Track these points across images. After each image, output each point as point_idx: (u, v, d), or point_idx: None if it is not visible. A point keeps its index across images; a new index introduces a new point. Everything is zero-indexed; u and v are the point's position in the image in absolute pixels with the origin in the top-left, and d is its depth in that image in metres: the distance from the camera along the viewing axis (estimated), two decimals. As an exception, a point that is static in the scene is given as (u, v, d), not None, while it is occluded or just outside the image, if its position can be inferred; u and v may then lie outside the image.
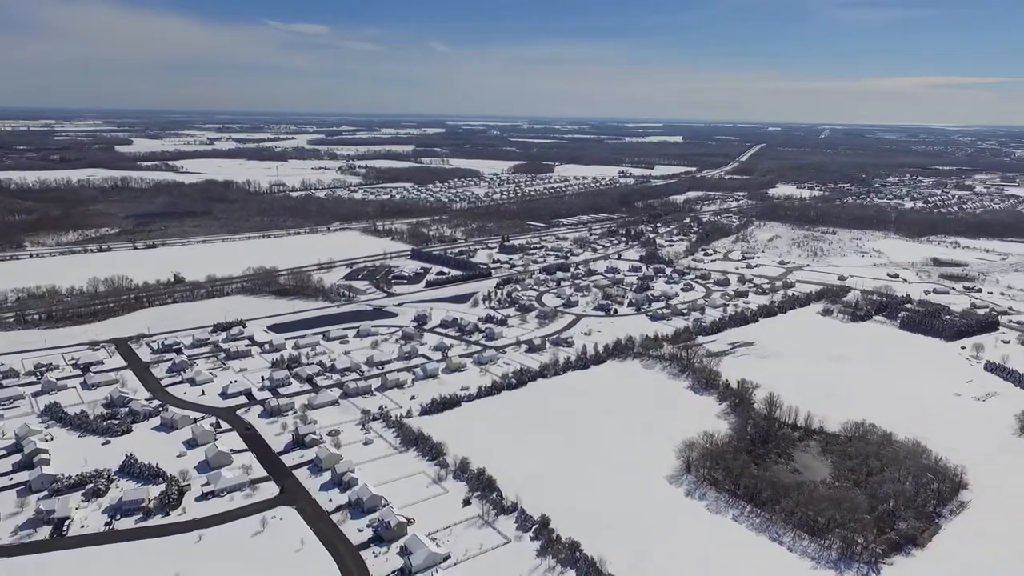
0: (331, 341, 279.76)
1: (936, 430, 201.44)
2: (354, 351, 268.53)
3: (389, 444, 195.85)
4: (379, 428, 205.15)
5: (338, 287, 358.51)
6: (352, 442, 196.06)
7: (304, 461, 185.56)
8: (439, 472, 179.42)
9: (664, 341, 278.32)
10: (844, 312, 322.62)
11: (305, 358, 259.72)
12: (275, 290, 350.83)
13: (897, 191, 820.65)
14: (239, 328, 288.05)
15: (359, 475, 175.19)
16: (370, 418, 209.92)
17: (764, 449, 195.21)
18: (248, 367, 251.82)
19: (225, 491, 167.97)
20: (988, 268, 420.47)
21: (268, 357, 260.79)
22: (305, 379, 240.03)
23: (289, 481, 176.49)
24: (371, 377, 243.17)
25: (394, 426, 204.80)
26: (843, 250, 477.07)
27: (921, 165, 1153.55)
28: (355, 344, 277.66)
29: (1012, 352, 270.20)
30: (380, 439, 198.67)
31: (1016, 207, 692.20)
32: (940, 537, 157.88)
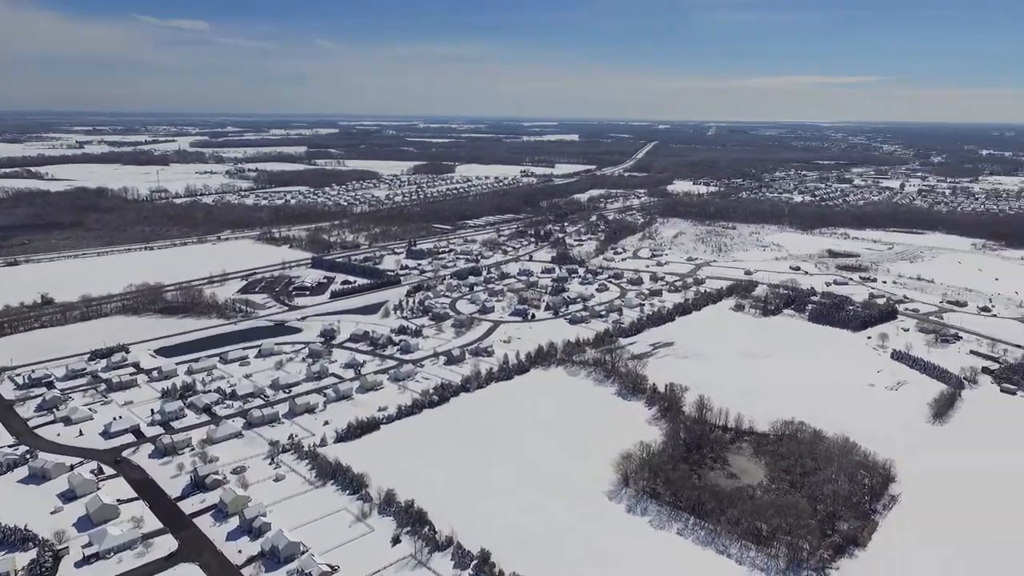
0: (230, 363, 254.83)
1: (858, 423, 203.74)
2: (256, 373, 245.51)
3: (304, 479, 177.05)
4: (291, 461, 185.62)
5: (234, 302, 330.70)
6: (261, 480, 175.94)
7: (206, 506, 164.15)
8: (363, 508, 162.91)
9: (586, 345, 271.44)
10: (755, 307, 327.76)
11: (201, 385, 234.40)
12: (162, 308, 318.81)
13: (786, 185, 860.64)
14: (121, 354, 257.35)
15: (272, 519, 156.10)
16: (280, 450, 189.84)
17: (699, 455, 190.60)
18: (134, 399, 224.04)
19: (112, 551, 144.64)
20: (878, 258, 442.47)
21: (157, 386, 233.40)
22: (202, 409, 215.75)
23: (189, 532, 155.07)
24: (278, 402, 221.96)
25: (308, 457, 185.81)
26: (745, 244, 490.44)
27: (803, 160, 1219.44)
28: (257, 365, 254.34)
29: (913, 340, 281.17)
30: (293, 474, 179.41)
31: (892, 199, 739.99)
32: (879, 535, 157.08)
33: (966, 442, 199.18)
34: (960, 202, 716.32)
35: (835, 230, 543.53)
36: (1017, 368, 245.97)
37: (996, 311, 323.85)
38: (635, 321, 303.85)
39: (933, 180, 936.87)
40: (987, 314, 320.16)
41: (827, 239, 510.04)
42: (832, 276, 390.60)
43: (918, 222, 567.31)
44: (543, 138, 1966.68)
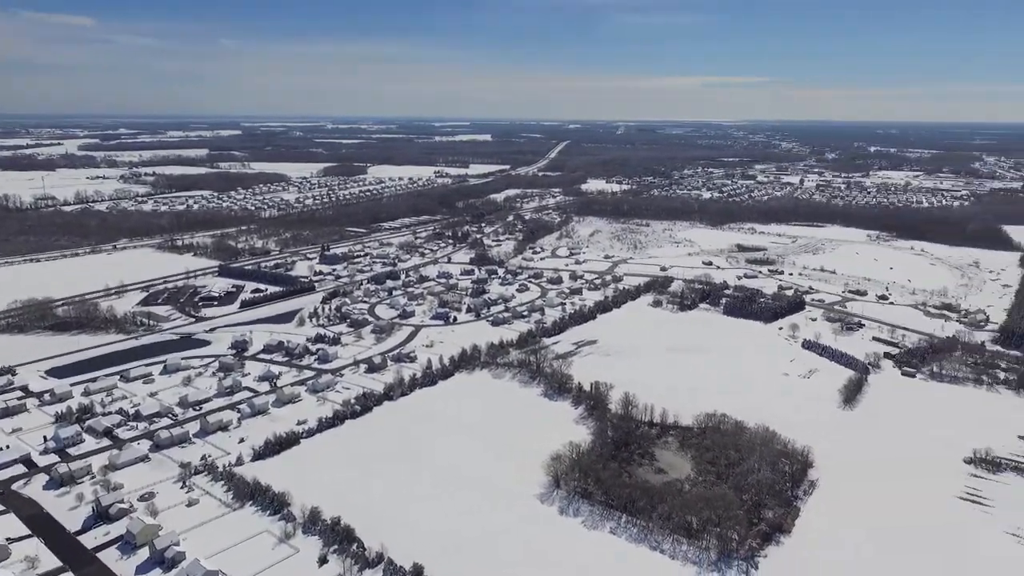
0: (132, 382, 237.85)
1: (776, 412, 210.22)
2: (163, 391, 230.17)
3: (220, 502, 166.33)
4: (205, 483, 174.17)
5: (134, 315, 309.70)
6: (173, 505, 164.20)
7: (111, 539, 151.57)
8: (286, 528, 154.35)
9: (510, 347, 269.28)
10: (672, 302, 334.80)
11: (100, 406, 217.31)
12: (52, 325, 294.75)
13: (694, 183, 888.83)
14: (7, 377, 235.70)
15: (186, 547, 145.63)
16: (192, 472, 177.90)
17: (627, 451, 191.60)
18: (24, 425, 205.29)
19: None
20: (783, 251, 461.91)
21: (50, 410, 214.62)
22: (102, 433, 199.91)
23: (93, 568, 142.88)
24: (187, 421, 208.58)
25: (223, 478, 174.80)
26: (659, 241, 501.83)
27: (709, 158, 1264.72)
28: (163, 383, 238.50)
29: (820, 329, 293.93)
30: (208, 497, 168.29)
31: (792, 194, 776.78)
32: (801, 520, 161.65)
33: (874, 425, 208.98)
34: (854, 196, 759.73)
35: (742, 225, 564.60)
36: (915, 352, 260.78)
37: (892, 299, 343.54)
38: (557, 320, 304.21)
39: (829, 176, 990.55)
40: (885, 302, 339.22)
41: (735, 234, 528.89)
42: (743, 270, 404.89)
43: (818, 216, 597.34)
44: (456, 138, 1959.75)
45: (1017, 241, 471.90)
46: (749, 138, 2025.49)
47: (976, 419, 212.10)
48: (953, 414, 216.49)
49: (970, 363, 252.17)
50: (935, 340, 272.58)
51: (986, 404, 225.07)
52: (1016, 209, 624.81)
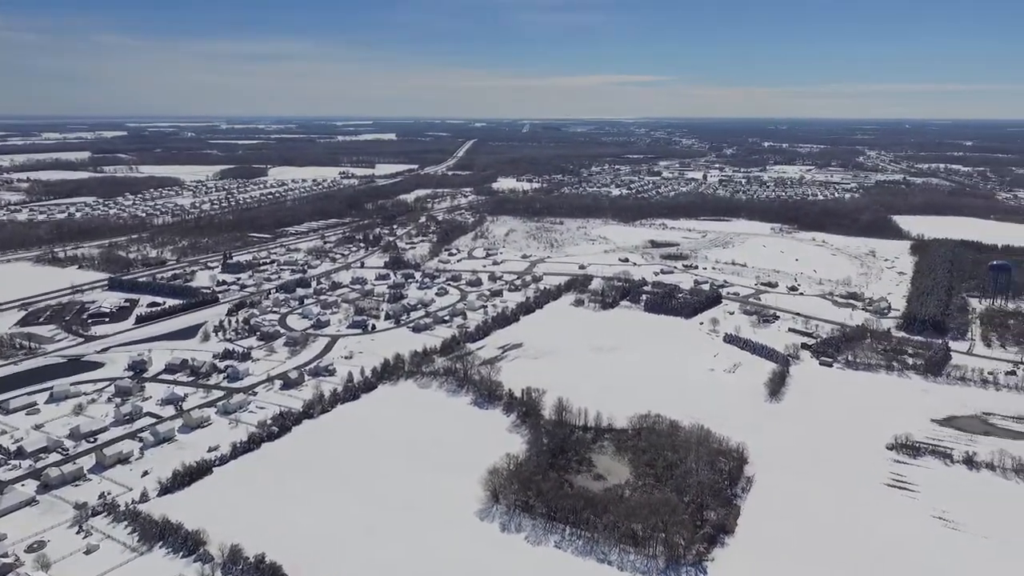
0: (12, 413, 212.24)
1: (706, 408, 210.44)
2: (50, 423, 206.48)
3: (124, 546, 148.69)
4: (105, 525, 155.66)
5: (11, 337, 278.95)
6: (68, 554, 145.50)
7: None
8: (203, 571, 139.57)
9: (434, 354, 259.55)
10: (594, 300, 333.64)
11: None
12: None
13: (603, 180, 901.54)
14: None
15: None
16: (89, 513, 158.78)
17: (564, 459, 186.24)
18: None
19: None
20: (695, 245, 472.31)
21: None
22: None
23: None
24: (81, 455, 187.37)
25: (126, 518, 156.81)
26: (574, 239, 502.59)
27: (615, 155, 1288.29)
28: (50, 412, 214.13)
29: (739, 322, 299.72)
30: (109, 541, 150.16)
31: (697, 189, 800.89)
32: (744, 518, 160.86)
33: (800, 416, 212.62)
34: (755, 190, 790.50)
35: (653, 221, 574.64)
36: (830, 342, 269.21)
37: (802, 290, 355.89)
38: (481, 324, 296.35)
39: (729, 171, 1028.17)
40: (795, 293, 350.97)
41: (648, 230, 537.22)
42: (659, 266, 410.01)
43: (723, 210, 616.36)
44: (359, 137, 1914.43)
45: (906, 230, 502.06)
46: (651, 135, 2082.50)
47: (891, 405, 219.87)
48: (870, 401, 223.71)
49: (880, 350, 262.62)
50: (846, 329, 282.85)
51: (898, 389, 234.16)
52: (901, 200, 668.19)
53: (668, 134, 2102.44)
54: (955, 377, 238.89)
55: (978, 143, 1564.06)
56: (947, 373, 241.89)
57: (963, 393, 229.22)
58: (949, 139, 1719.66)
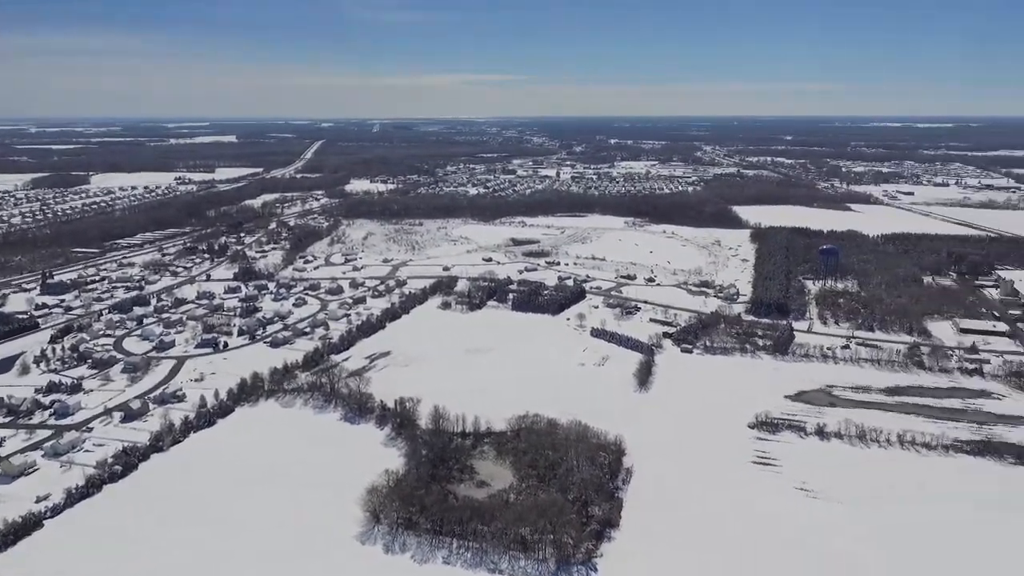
0: None
1: (581, 403, 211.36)
2: None
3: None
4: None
5: None
6: None
7: None
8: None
9: (296, 370, 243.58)
10: (461, 302, 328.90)
11: None
12: None
13: (459, 179, 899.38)
14: None
15: None
16: None
17: (445, 469, 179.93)
18: None
19: None
20: (555, 242, 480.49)
21: None
22: None
23: None
24: None
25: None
26: (435, 240, 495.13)
27: (469, 154, 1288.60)
28: None
29: (604, 315, 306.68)
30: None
31: (552, 186, 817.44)
32: (627, 510, 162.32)
33: (669, 403, 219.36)
34: (606, 186, 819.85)
35: (512, 219, 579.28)
36: (688, 329, 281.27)
37: (659, 281, 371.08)
38: (345, 334, 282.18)
39: (580, 168, 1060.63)
40: (653, 284, 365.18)
41: (508, 228, 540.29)
42: (522, 264, 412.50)
43: (579, 206, 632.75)
44: (195, 140, 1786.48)
45: (745, 219, 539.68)
46: (503, 134, 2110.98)
47: (748, 385, 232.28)
48: (729, 383, 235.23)
49: (733, 334, 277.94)
50: (702, 316, 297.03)
51: (753, 370, 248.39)
52: (737, 191, 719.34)
53: (520, 133, 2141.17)
54: (800, 355, 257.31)
55: (797, 138, 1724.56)
56: (793, 351, 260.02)
57: (808, 369, 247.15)
58: (773, 134, 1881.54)
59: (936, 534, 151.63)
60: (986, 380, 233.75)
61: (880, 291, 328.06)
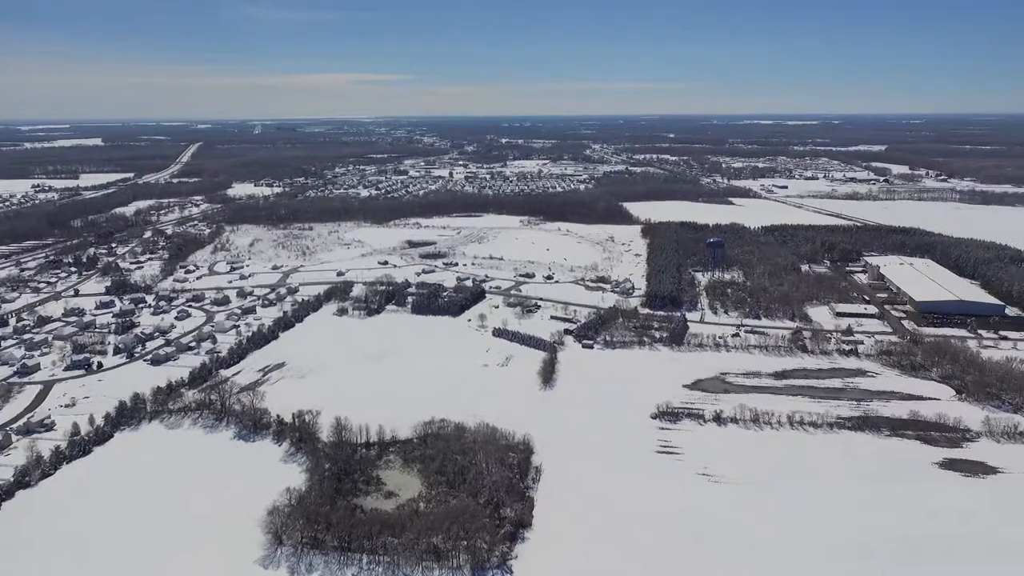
0: None
1: (487, 405, 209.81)
2: None
3: None
4: None
5: None
6: None
7: None
8: None
9: (182, 388, 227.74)
10: (358, 308, 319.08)
11: None
12: None
13: (349, 181, 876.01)
14: None
15: None
16: None
17: (350, 482, 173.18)
18: None
19: None
20: (451, 243, 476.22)
21: None
22: None
23: None
24: None
25: None
26: (327, 244, 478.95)
27: (358, 155, 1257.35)
28: None
29: (505, 315, 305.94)
30: None
31: (445, 186, 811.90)
32: (539, 509, 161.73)
33: (573, 399, 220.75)
34: (500, 185, 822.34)
35: (407, 220, 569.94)
36: (588, 325, 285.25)
37: (557, 278, 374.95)
38: (235, 347, 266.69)
39: (473, 167, 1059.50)
40: (551, 281, 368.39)
41: (403, 230, 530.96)
42: (420, 266, 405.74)
43: (473, 206, 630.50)
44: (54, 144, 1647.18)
45: (635, 215, 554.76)
46: (392, 134, 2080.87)
47: (648, 377, 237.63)
48: (630, 375, 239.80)
49: (631, 327, 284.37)
50: (600, 311, 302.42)
51: (652, 362, 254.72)
52: (627, 188, 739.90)
53: (409, 133, 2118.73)
54: (695, 344, 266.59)
55: (679, 136, 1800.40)
56: (688, 342, 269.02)
57: (703, 358, 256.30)
58: (657, 133, 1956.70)
59: (824, 507, 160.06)
60: (861, 360, 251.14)
61: (764, 280, 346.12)
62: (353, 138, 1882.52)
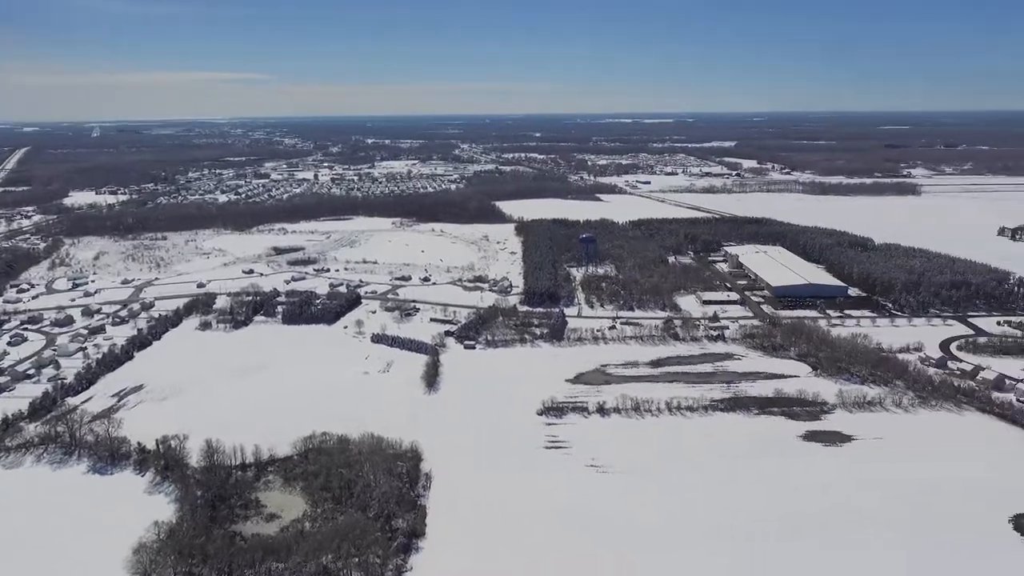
0: None
1: (371, 414, 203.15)
2: None
3: None
4: None
5: None
6: None
7: None
8: None
9: (22, 421, 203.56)
10: (223, 321, 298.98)
11: None
12: None
13: (206, 186, 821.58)
14: None
15: None
16: None
17: (227, 508, 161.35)
18: None
19: None
20: (321, 248, 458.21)
21: None
22: None
23: None
24: None
25: None
26: (184, 255, 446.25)
27: (213, 158, 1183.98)
28: None
29: (383, 320, 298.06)
30: None
31: (311, 189, 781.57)
32: (431, 517, 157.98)
33: (459, 401, 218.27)
34: (369, 187, 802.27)
35: (271, 226, 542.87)
36: (469, 326, 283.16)
37: (434, 279, 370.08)
38: (82, 371, 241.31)
39: (339, 169, 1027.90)
40: (429, 283, 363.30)
41: (268, 236, 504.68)
42: (289, 273, 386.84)
43: (342, 209, 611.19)
44: None
45: (508, 214, 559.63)
46: (250, 136, 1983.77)
47: (532, 374, 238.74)
48: (514, 374, 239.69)
49: (511, 326, 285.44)
50: (480, 311, 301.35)
51: (534, 359, 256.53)
52: (498, 187, 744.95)
53: (268, 134, 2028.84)
54: (574, 339, 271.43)
55: (546, 135, 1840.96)
56: (568, 336, 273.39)
57: (583, 351, 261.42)
58: (523, 131, 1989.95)
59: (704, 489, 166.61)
60: (728, 344, 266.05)
61: (635, 273, 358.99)
62: (207, 140, 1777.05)
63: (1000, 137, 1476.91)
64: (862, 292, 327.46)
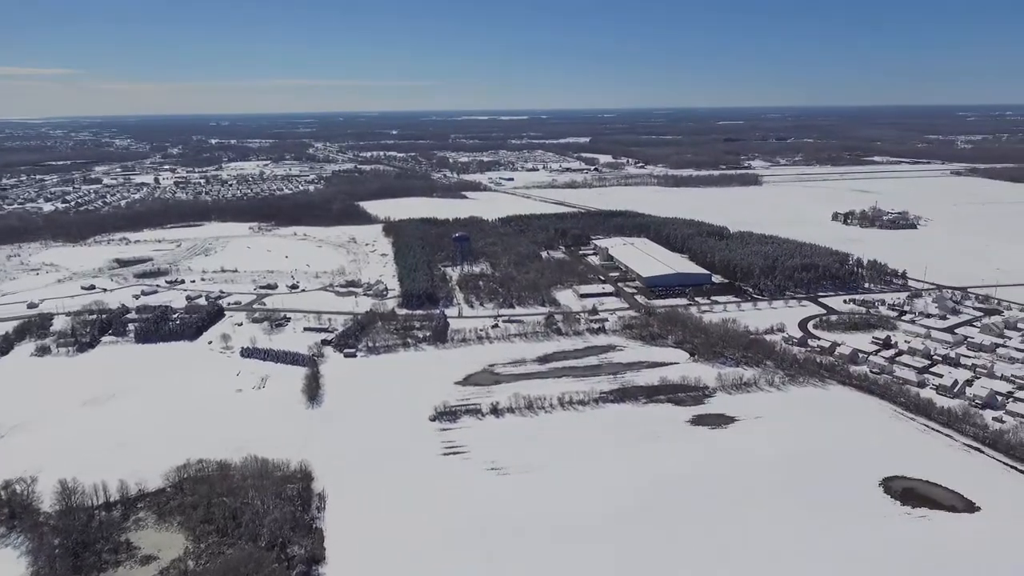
0: None
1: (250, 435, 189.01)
2: None
3: None
4: None
5: None
6: None
7: None
8: None
9: None
10: (64, 344, 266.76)
11: None
12: None
13: (26, 194, 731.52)
14: None
15: None
16: None
17: (92, 554, 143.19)
18: None
19: None
20: (172, 257, 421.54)
21: None
22: None
23: None
24: None
25: None
26: (9, 272, 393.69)
27: (32, 163, 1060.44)
28: None
29: (252, 332, 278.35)
30: None
31: (152, 195, 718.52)
32: (330, 540, 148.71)
33: (345, 414, 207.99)
34: (218, 190, 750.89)
35: (111, 236, 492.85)
36: (347, 333, 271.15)
37: (303, 286, 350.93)
38: None
39: (183, 172, 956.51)
40: (297, 291, 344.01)
41: (108, 247, 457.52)
42: (137, 287, 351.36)
43: (192, 214, 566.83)
44: None
45: (374, 214, 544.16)
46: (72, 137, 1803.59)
47: (419, 379, 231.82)
48: (401, 380, 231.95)
49: (392, 330, 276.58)
50: (358, 316, 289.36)
51: (419, 363, 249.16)
52: (360, 187, 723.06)
53: (95, 135, 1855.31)
54: (458, 340, 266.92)
55: (403, 132, 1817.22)
56: (451, 338, 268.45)
57: (469, 352, 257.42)
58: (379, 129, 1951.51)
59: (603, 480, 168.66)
60: (609, 336, 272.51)
61: (511, 270, 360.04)
62: (21, 143, 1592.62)
63: (821, 130, 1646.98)
64: (724, 279, 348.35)
